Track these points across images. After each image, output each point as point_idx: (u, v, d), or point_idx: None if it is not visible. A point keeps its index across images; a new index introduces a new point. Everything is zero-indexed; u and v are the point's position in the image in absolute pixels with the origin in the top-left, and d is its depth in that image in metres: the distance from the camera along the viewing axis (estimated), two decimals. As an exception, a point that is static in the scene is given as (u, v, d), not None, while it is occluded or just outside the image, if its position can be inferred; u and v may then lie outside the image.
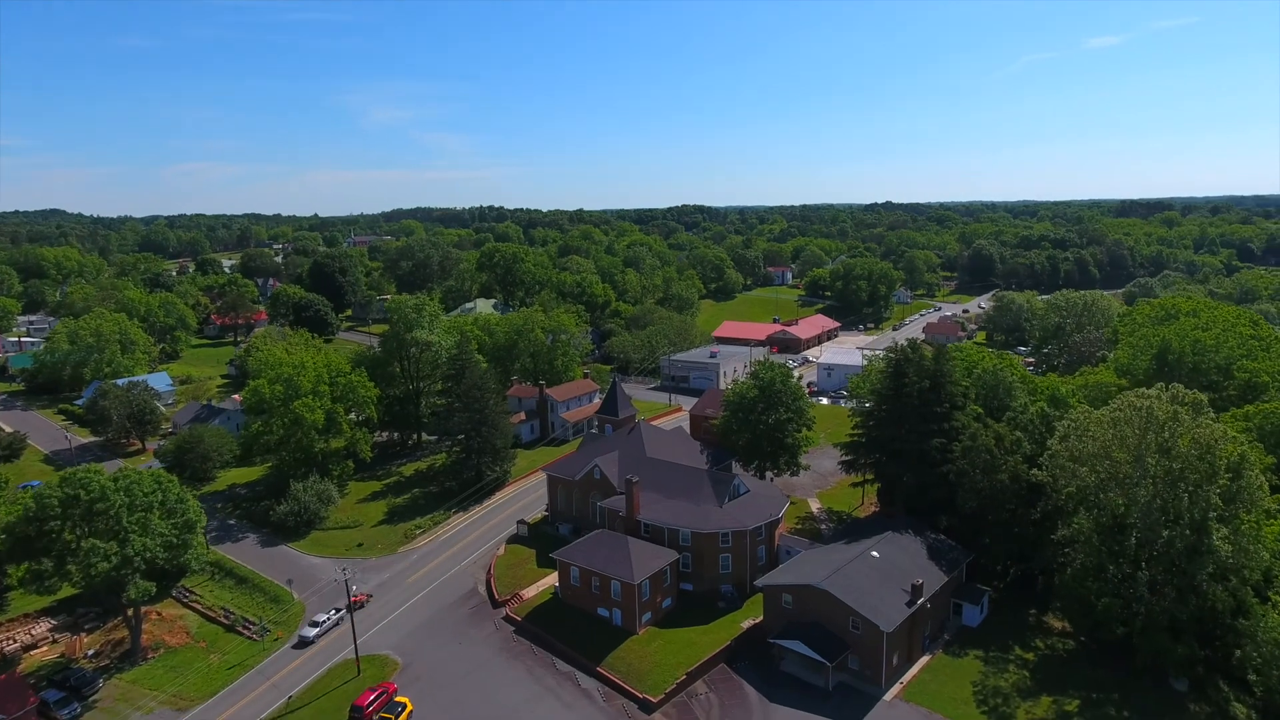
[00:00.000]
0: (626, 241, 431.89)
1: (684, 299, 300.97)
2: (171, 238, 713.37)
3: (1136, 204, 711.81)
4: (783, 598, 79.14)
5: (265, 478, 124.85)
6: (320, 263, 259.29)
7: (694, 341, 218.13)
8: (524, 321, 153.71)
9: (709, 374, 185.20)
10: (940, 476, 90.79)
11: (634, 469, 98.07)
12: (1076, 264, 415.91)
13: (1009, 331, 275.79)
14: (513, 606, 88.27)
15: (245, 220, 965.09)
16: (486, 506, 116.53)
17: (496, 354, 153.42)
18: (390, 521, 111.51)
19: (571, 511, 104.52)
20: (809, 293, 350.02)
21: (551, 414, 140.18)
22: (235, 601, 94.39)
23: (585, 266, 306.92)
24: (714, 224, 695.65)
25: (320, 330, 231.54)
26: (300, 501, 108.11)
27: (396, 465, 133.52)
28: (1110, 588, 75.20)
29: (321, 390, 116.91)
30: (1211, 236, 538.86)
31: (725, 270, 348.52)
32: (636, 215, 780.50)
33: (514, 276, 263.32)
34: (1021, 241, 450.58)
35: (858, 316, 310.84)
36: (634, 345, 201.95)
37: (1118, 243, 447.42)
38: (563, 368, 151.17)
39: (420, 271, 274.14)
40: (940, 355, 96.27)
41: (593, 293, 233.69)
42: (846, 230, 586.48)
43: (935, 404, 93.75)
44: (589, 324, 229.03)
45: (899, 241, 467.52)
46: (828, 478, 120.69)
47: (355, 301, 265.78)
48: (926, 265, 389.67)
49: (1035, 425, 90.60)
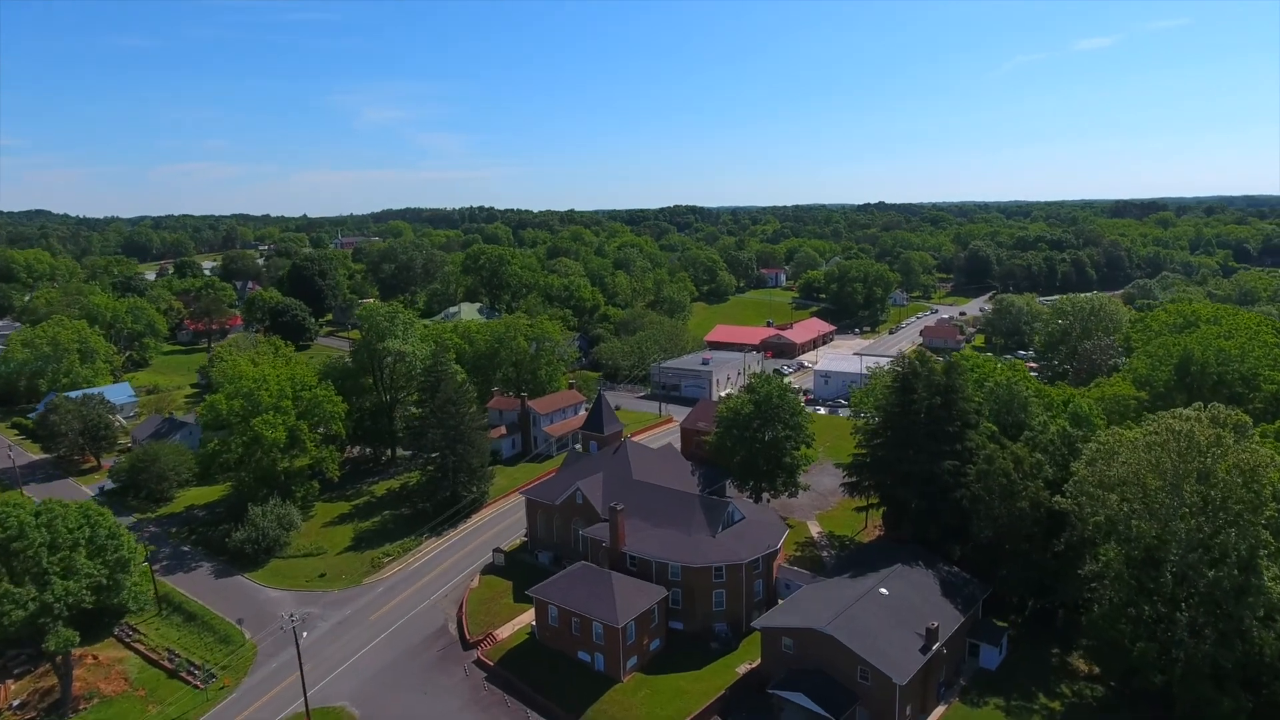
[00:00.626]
0: (617, 243, 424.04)
1: (675, 302, 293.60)
2: (155, 239, 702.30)
3: (1131, 204, 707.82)
4: (782, 641, 71.34)
5: (226, 499, 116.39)
6: (299, 265, 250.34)
7: (685, 347, 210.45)
8: (506, 329, 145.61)
9: (701, 382, 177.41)
10: (953, 502, 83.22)
11: (619, 493, 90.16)
12: (1073, 265, 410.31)
13: (1009, 335, 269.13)
14: (485, 649, 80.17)
15: (232, 221, 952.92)
16: (462, 530, 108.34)
17: (477, 363, 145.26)
18: (357, 548, 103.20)
19: (552, 538, 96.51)
20: (803, 295, 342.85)
21: (534, 428, 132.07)
22: (182, 641, 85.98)
23: (574, 269, 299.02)
24: (706, 224, 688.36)
25: (297, 336, 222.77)
26: (259, 527, 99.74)
27: (368, 484, 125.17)
28: (1145, 629, 67.79)
29: (284, 406, 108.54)
30: (1207, 237, 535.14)
31: (718, 272, 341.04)
32: (628, 216, 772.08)
33: (500, 279, 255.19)
34: (1017, 242, 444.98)
35: (853, 320, 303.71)
36: (623, 352, 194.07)
37: (1114, 244, 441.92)
38: (546, 378, 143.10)
39: (403, 274, 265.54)
40: (952, 370, 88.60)
41: (580, 296, 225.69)
42: (840, 231, 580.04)
43: (946, 422, 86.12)
44: (576, 329, 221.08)
45: (894, 242, 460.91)
46: (828, 497, 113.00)
47: (335, 305, 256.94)
48: (922, 267, 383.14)
49: (1056, 446, 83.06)
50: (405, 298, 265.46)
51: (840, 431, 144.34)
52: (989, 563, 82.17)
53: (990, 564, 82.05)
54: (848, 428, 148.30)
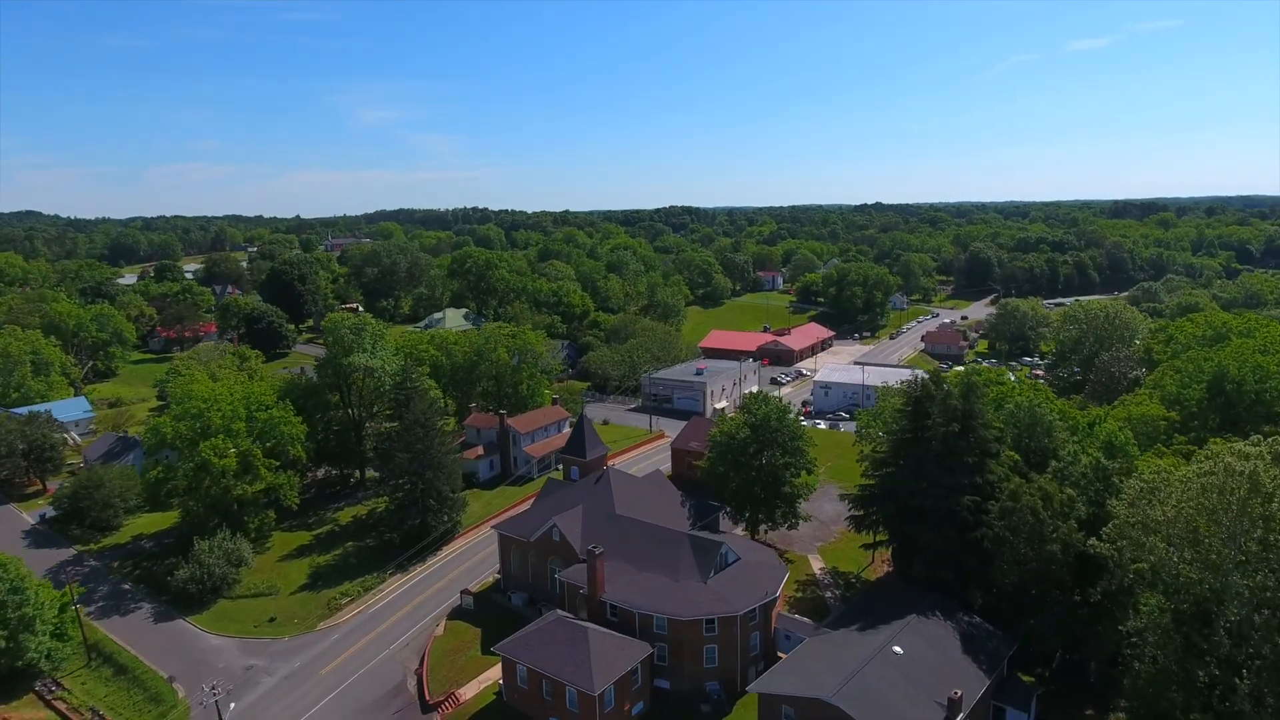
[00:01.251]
0: (610, 245, 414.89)
1: (669, 306, 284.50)
2: (143, 241, 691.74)
3: (1131, 205, 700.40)
4: (783, 710, 62.26)
5: (177, 528, 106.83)
6: (278, 270, 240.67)
7: (679, 355, 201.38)
8: (485, 340, 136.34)
9: (694, 394, 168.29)
10: (973, 542, 74.22)
11: (600, 530, 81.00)
12: (1076, 267, 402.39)
13: (1013, 340, 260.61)
14: (446, 712, 70.92)
15: (222, 222, 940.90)
16: (431, 565, 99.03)
17: (455, 377, 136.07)
18: (314, 587, 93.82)
19: (527, 578, 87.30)
20: (801, 299, 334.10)
21: (514, 448, 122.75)
22: (109, 699, 76.62)
23: (565, 272, 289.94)
24: (702, 225, 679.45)
25: (273, 344, 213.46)
26: (204, 565, 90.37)
27: (333, 509, 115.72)
28: (1199, 698, 58.88)
29: (237, 429, 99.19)
30: (1209, 238, 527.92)
31: (713, 275, 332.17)
32: (623, 216, 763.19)
33: (487, 284, 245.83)
34: (1018, 244, 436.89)
35: (852, 324, 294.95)
36: (613, 361, 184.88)
37: (1117, 245, 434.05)
38: (528, 393, 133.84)
39: (387, 279, 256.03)
40: (970, 392, 79.50)
41: (570, 302, 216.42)
42: (838, 232, 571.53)
43: (965, 452, 77.06)
44: (565, 336, 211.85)
45: (892, 244, 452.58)
46: (830, 526, 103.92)
47: (317, 311, 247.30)
48: (922, 269, 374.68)
49: (1090, 481, 74.02)
50: (389, 303, 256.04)
51: (843, 449, 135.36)
52: (1014, 610, 73.18)
53: (1015, 612, 73.07)
54: (850, 445, 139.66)
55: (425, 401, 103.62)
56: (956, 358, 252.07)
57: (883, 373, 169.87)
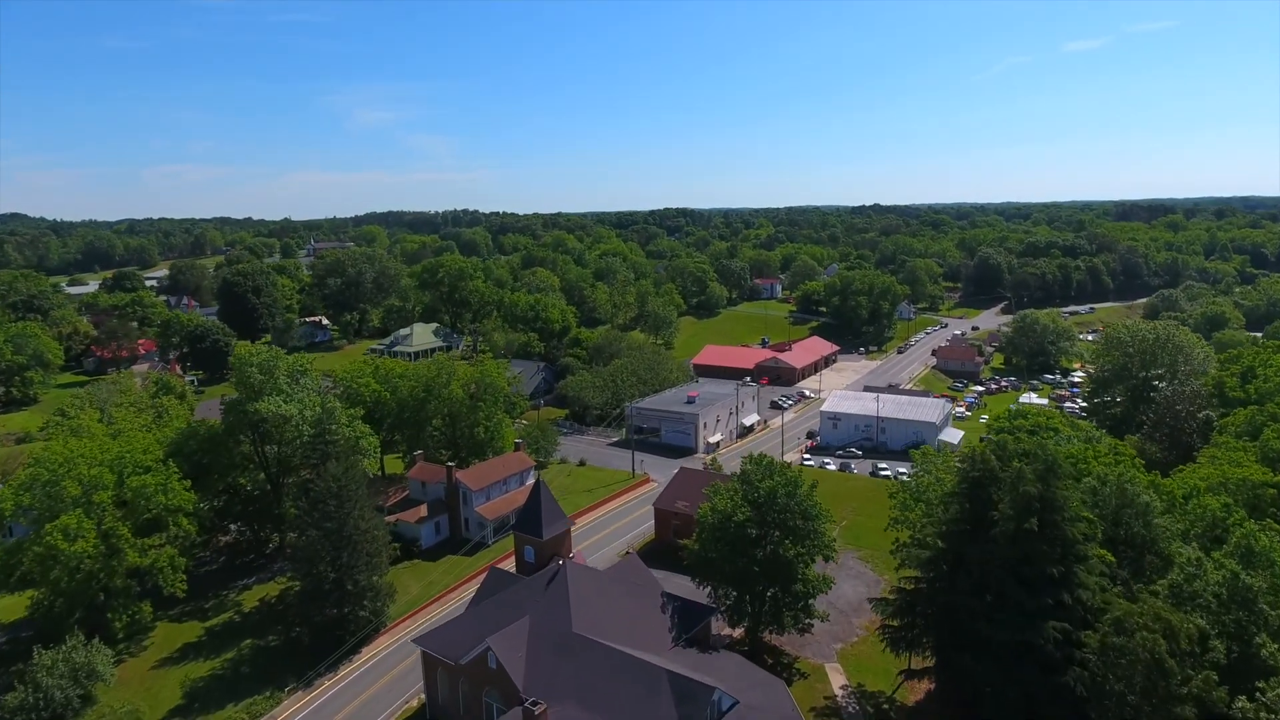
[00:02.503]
0: (599, 251, 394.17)
1: (661, 317, 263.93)
2: (118, 245, 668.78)
3: (1137, 206, 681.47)
4: None
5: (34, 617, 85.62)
6: (229, 281, 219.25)
7: (669, 375, 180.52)
8: (436, 372, 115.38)
9: (685, 428, 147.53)
10: (1060, 688, 53.69)
11: (551, 657, 60.22)
12: (1089, 273, 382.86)
13: (1031, 355, 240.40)
14: None
15: (208, 225, 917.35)
16: (344, 675, 77.96)
17: (402, 417, 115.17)
18: (187, 712, 72.72)
19: (458, 710, 66.36)
20: (801, 308, 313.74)
21: (465, 507, 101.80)
22: None
23: (549, 282, 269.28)
24: (697, 228, 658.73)
25: (219, 366, 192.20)
26: (42, 688, 69.23)
27: (238, 587, 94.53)
28: None
29: (100, 500, 78.19)
30: (1221, 242, 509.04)
31: (708, 283, 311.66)
32: (617, 219, 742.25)
33: (459, 296, 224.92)
34: (1027, 249, 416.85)
35: (857, 337, 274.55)
36: (594, 386, 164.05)
37: (1131, 249, 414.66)
38: (487, 436, 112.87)
39: (351, 290, 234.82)
40: (1050, 474, 58.65)
41: (548, 318, 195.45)
42: (837, 235, 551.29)
43: (1045, 558, 56.44)
44: (542, 356, 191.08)
45: (895, 248, 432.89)
46: (850, 619, 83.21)
47: (275, 327, 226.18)
48: (928, 276, 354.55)
49: (1225, 605, 53.48)
50: (353, 317, 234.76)
51: (860, 498, 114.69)
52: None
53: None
54: (868, 492, 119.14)
55: (343, 464, 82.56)
56: (972, 375, 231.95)
57: (900, 403, 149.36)
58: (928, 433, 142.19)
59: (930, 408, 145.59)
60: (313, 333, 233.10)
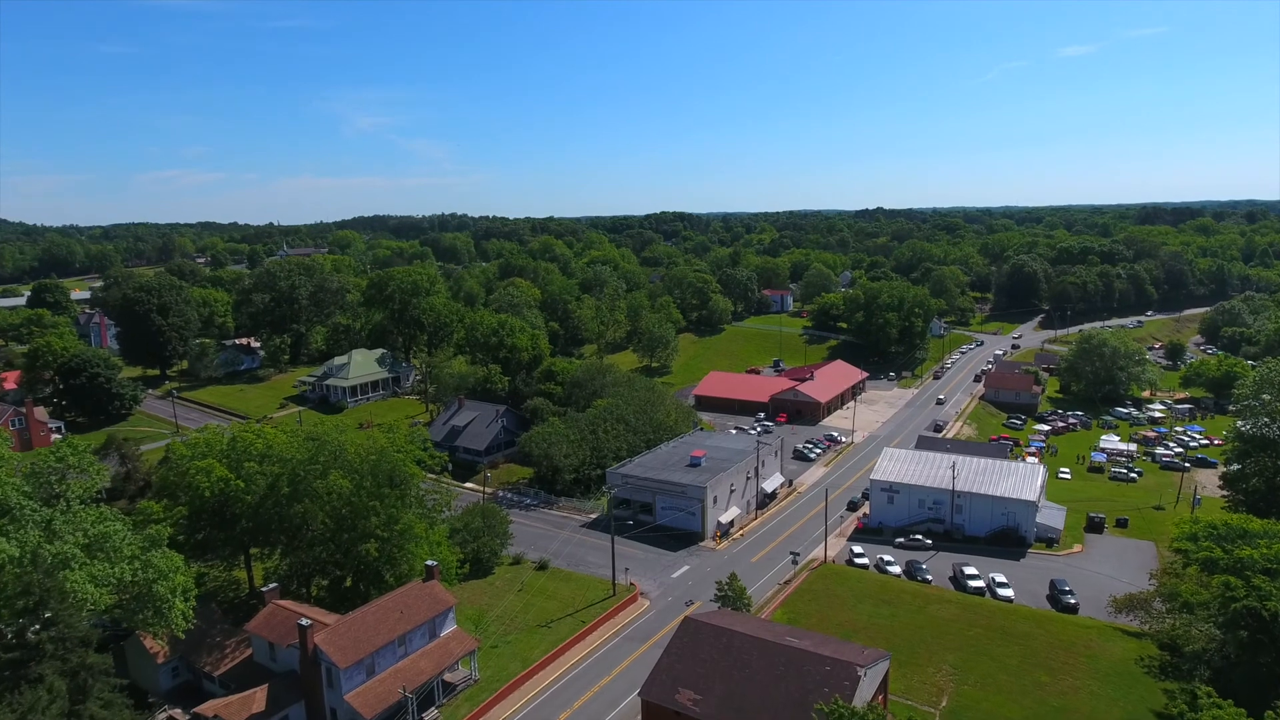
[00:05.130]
0: (587, 259, 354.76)
1: (656, 336, 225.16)
2: (79, 251, 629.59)
3: (1162, 209, 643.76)
4: None
5: None
6: (130, 298, 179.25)
7: (666, 417, 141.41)
8: (313, 454, 75.87)
9: (688, 503, 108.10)
10: None
11: None
12: (1130, 281, 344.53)
13: (1096, 383, 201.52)
14: None
15: (191, 229, 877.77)
16: None
17: (261, 518, 75.63)
18: None
19: None
20: (817, 324, 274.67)
21: (330, 691, 62.26)
22: None
23: (526, 295, 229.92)
24: (695, 233, 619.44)
25: (102, 406, 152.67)
26: None
27: None
28: None
29: None
30: (1260, 246, 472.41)
31: (710, 295, 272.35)
32: (611, 223, 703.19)
33: (411, 315, 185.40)
34: (1060, 255, 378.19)
35: (884, 359, 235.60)
36: (569, 439, 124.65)
37: (1176, 256, 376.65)
38: (382, 557, 73.05)
39: (283, 308, 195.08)
40: None
41: (514, 344, 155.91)
42: (847, 240, 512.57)
43: None
44: (505, 395, 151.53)
45: (912, 254, 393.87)
46: None
47: (187, 353, 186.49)
48: (957, 286, 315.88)
49: None
50: (281, 340, 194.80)
51: (953, 634, 75.13)
52: None
53: None
54: (965, 621, 79.48)
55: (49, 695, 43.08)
56: (1029, 408, 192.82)
57: (981, 469, 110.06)
58: (1022, 513, 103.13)
59: (1023, 477, 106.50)
60: (236, 359, 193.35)
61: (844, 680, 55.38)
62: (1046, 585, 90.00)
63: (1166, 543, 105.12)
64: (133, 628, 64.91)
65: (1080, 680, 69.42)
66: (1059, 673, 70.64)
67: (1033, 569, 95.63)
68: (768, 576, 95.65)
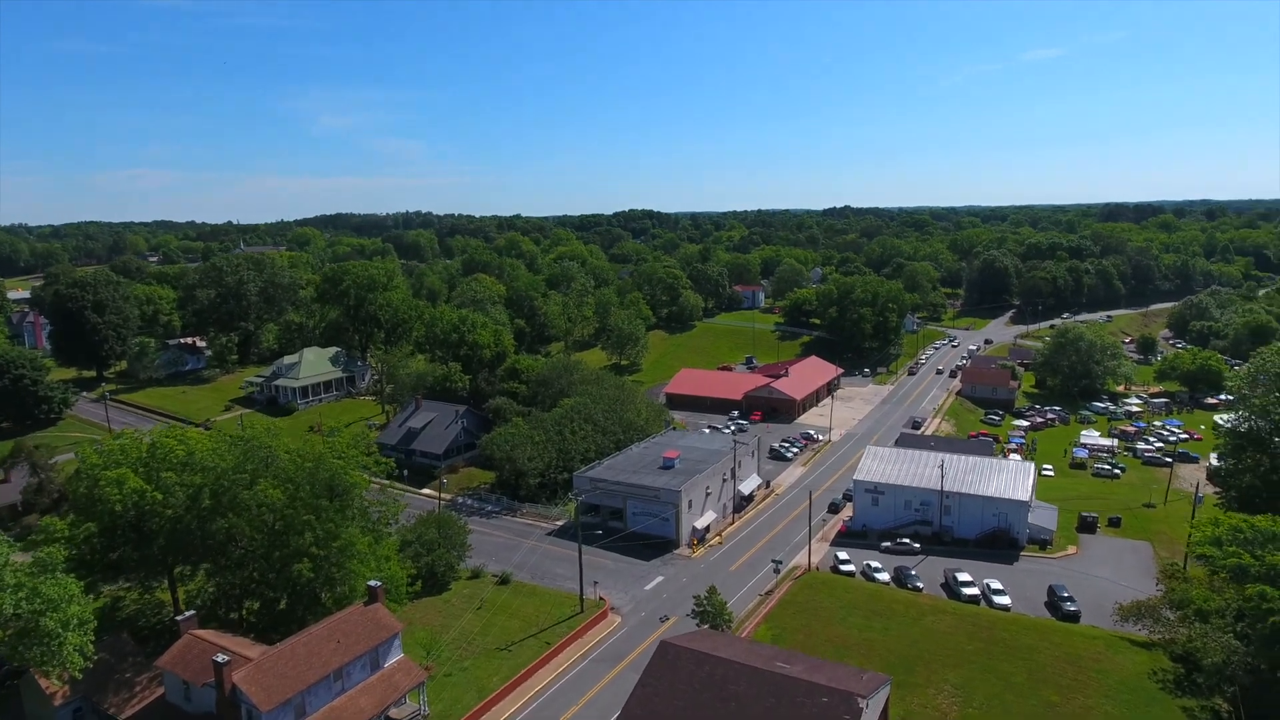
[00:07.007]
0: (555, 255, 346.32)
1: (625, 333, 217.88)
2: (24, 249, 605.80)
3: (1124, 207, 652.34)
4: None
5: None
6: (62, 294, 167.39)
7: (637, 417, 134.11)
8: (238, 461, 67.23)
9: (661, 508, 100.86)
10: None
11: None
12: (1099, 277, 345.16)
13: (1073, 378, 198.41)
14: None
15: (145, 228, 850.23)
16: None
17: (178, 535, 66.80)
18: None
19: None
20: (789, 320, 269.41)
21: (252, 733, 54.13)
22: None
23: (490, 291, 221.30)
24: (665, 230, 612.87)
25: (28, 411, 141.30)
26: None
27: None
28: None
29: None
30: (1221, 243, 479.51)
31: (680, 291, 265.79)
32: (579, 222, 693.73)
33: (367, 312, 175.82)
34: (1029, 250, 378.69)
35: (858, 355, 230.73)
36: (533, 441, 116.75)
37: (1142, 251, 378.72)
38: (318, 578, 64.67)
39: (230, 304, 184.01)
40: None
41: (475, 341, 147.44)
42: (817, 237, 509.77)
43: None
44: (466, 395, 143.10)
45: (883, 250, 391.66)
46: None
47: (126, 352, 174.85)
48: (929, 282, 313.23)
49: None
50: (228, 339, 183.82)
51: (951, 649, 68.70)
52: None
53: None
54: (964, 634, 72.99)
55: None
56: (1006, 404, 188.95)
57: (970, 468, 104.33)
58: (1014, 514, 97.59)
59: (1014, 475, 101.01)
60: (179, 360, 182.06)
61: (844, 713, 48.54)
62: (1044, 591, 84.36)
63: (1164, 543, 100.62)
64: (23, 665, 55.99)
65: (1093, 699, 63.51)
66: (1069, 691, 64.68)
67: (1028, 573, 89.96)
68: (748, 586, 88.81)
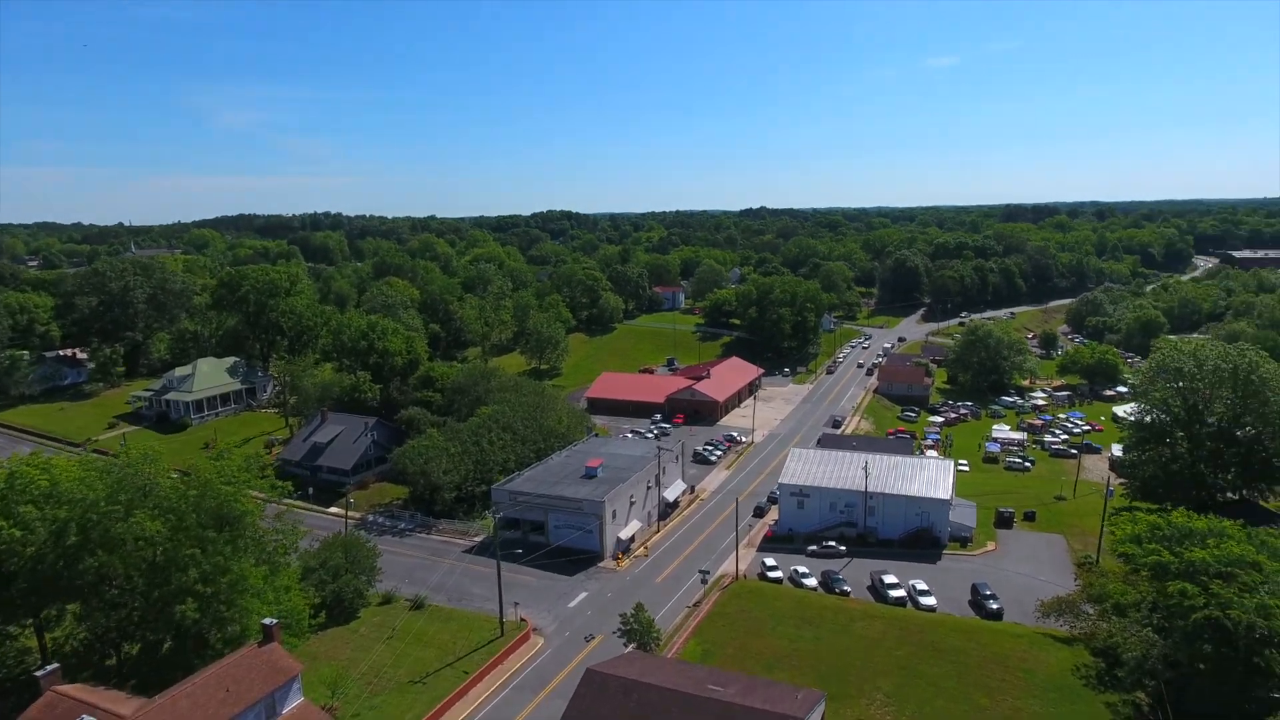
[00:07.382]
0: (471, 257, 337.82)
1: (545, 336, 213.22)
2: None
3: (1023, 209, 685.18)
4: None
5: None
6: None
7: (558, 424, 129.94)
8: (110, 491, 60.17)
9: (584, 519, 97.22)
10: None
11: None
12: (1002, 275, 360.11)
13: (982, 373, 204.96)
14: None
15: (25, 230, 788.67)
16: None
17: (39, 576, 59.25)
18: None
19: None
20: (709, 320, 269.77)
21: (125, 803, 47.84)
22: None
23: (403, 295, 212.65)
24: (584, 231, 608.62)
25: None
26: None
27: None
28: None
29: None
30: (1111, 242, 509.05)
31: (601, 293, 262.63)
32: (496, 223, 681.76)
33: (269, 319, 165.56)
34: (937, 250, 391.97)
35: (778, 355, 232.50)
36: (449, 453, 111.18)
37: (1041, 250, 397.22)
38: (206, 618, 58.31)
39: (114, 313, 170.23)
40: None
41: (385, 348, 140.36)
42: (735, 238, 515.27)
43: None
44: (377, 405, 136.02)
45: (799, 251, 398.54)
46: None
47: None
48: (845, 281, 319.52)
49: None
50: (114, 351, 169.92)
51: (885, 658, 67.40)
52: None
53: None
54: (894, 639, 71.74)
55: None
56: (921, 400, 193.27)
57: (894, 467, 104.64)
58: (937, 512, 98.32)
59: (935, 474, 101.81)
60: (58, 373, 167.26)
61: (780, 739, 46.12)
62: (968, 590, 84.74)
63: (1076, 535, 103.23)
64: None
65: (1021, 700, 63.36)
66: (997, 693, 64.40)
67: (951, 571, 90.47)
68: (676, 598, 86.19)
